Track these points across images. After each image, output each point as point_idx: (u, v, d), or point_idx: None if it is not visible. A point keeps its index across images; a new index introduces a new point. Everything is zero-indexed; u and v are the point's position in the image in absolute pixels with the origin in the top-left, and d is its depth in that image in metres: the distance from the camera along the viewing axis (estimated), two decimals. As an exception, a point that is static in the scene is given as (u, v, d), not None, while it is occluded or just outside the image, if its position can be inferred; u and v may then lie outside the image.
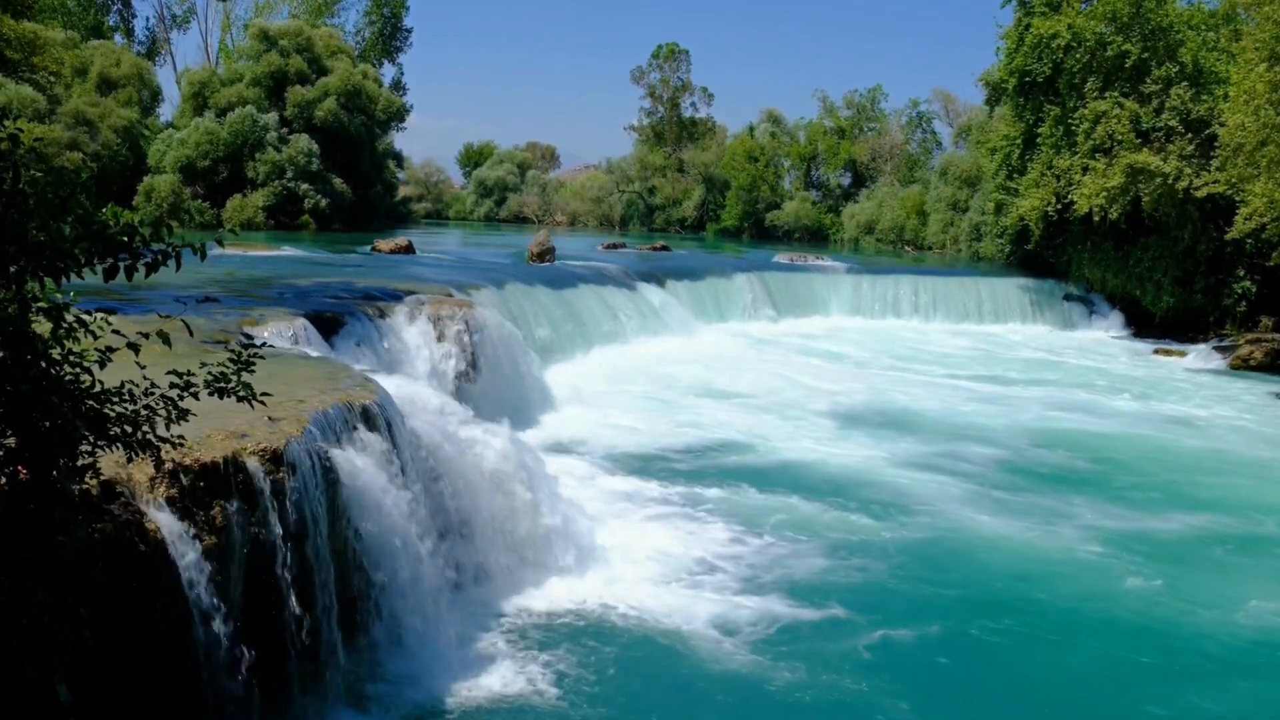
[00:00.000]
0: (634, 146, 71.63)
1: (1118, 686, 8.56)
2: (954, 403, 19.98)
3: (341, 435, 7.99)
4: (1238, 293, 30.14)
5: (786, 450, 15.56)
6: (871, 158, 60.68)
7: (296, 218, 43.81)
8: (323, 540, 7.29)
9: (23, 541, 4.23)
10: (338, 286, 17.62)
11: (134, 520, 5.84)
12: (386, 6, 62.19)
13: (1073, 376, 24.14)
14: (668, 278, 28.52)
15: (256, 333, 12.10)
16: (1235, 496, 14.23)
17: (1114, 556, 11.42)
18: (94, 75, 44.90)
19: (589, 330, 22.91)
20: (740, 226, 62.75)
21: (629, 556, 10.55)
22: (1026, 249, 35.83)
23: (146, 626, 5.85)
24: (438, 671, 7.90)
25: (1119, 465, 15.72)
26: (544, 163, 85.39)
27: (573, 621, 9.16)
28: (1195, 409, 20.68)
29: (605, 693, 7.96)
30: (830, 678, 8.31)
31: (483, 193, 76.78)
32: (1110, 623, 9.72)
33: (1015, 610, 9.96)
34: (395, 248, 29.12)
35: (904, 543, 11.61)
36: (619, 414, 17.22)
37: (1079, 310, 33.63)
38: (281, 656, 6.86)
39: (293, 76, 46.43)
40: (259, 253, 26.81)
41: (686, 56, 69.33)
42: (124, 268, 4.51)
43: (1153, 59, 30.22)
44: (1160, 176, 28.89)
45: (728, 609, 9.48)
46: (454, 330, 15.32)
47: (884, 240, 54.25)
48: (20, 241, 4.24)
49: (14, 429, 4.32)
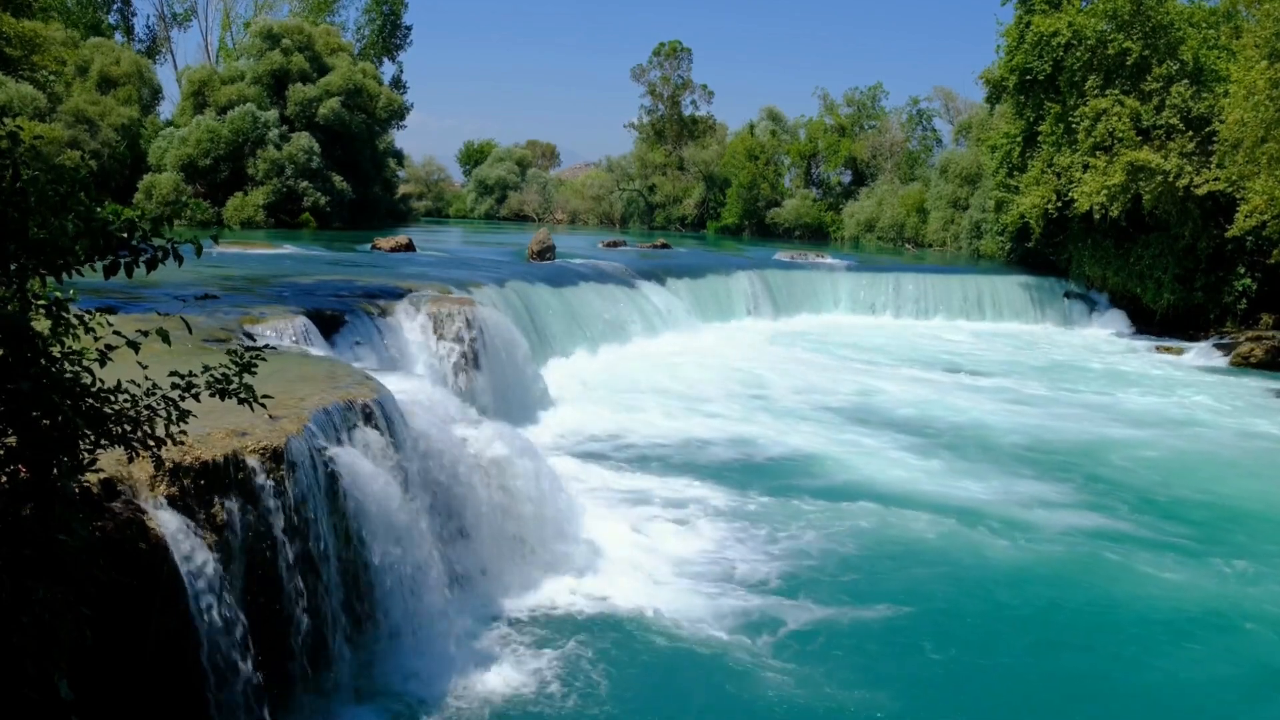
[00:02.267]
0: (634, 144, 71.59)
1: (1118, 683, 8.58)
2: (955, 401, 19.96)
3: (342, 433, 7.99)
4: (1238, 290, 30.12)
5: (787, 447, 15.56)
6: (872, 155, 60.61)
7: (297, 216, 43.79)
8: (324, 538, 7.30)
9: (23, 539, 4.23)
10: (338, 284, 17.62)
11: (135, 518, 5.84)
12: (386, 4, 62.07)
13: (1072, 374, 24.12)
14: (668, 276, 28.51)
15: (257, 331, 12.10)
16: (1235, 496, 14.23)
17: (1113, 556, 11.42)
18: (94, 73, 44.86)
19: (589, 328, 22.90)
20: (740, 224, 62.73)
21: (629, 554, 10.55)
22: (1027, 247, 35.82)
23: (147, 624, 5.85)
24: (440, 668, 7.91)
25: (1119, 464, 15.69)
26: (544, 161, 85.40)
27: (573, 619, 9.16)
28: (1196, 407, 20.66)
29: (606, 690, 7.96)
30: (832, 677, 8.31)
31: (483, 191, 76.77)
32: (1113, 624, 9.73)
33: (1018, 610, 9.97)
34: (395, 246, 29.11)
35: (899, 537, 11.62)
36: (619, 412, 17.22)
37: (1079, 308, 33.62)
38: (283, 654, 6.86)
39: (294, 74, 46.40)
40: (259, 251, 26.80)
41: (687, 54, 69.26)
42: (124, 265, 4.50)
43: (1153, 56, 30.19)
44: (1161, 174, 28.87)
45: (728, 607, 9.48)
46: (454, 328, 15.32)
47: (884, 238, 54.22)
48: (21, 239, 4.23)
49: (14, 427, 4.32)
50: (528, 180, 76.48)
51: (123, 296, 13.17)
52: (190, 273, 16.30)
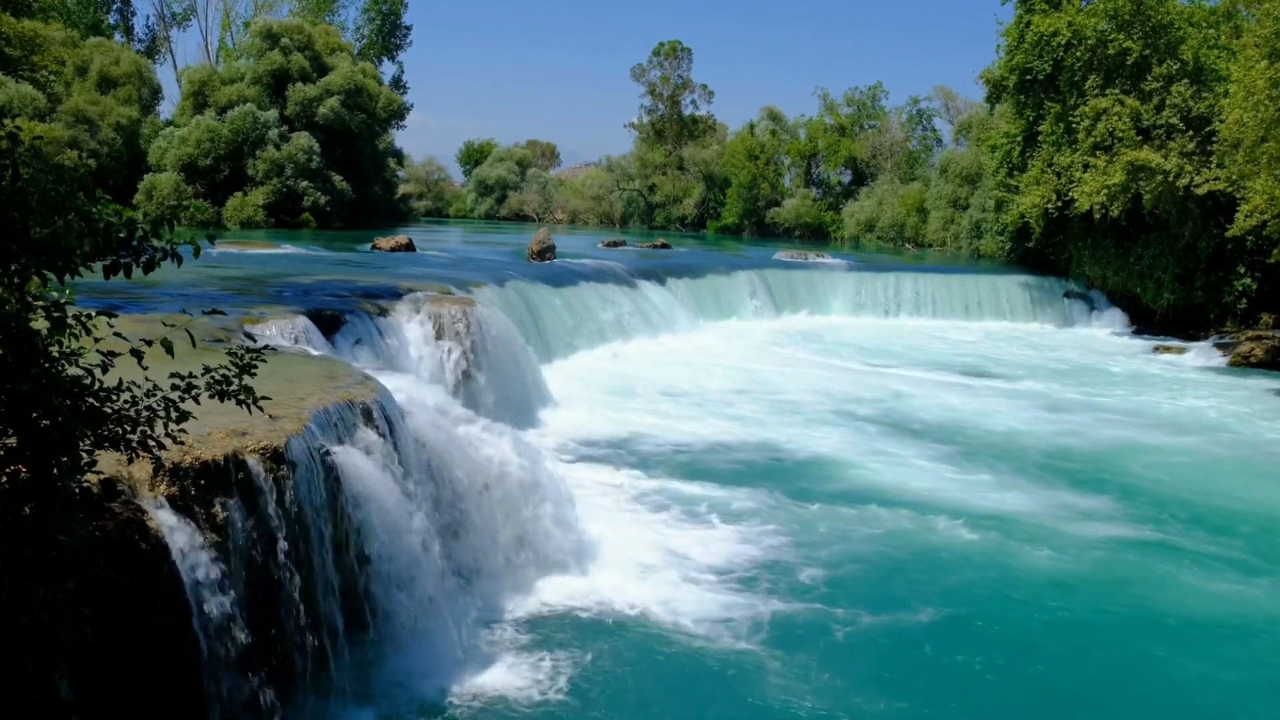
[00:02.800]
0: (634, 144, 71.63)
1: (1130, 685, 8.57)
2: (953, 399, 19.96)
3: (342, 433, 7.99)
4: (1238, 290, 30.12)
5: (787, 446, 15.55)
6: (872, 155, 60.60)
7: (297, 216, 43.79)
8: (324, 538, 7.30)
9: (23, 539, 4.23)
10: (338, 284, 17.62)
11: (135, 518, 5.84)
12: (385, 4, 62.07)
13: (1072, 373, 24.11)
14: (668, 275, 28.51)
15: (257, 331, 12.10)
16: (1236, 494, 14.22)
17: (1111, 554, 11.42)
18: (94, 73, 44.88)
19: (589, 328, 22.90)
20: (740, 224, 62.74)
21: (630, 553, 10.55)
22: (1027, 246, 35.82)
23: (147, 624, 5.85)
24: (440, 668, 7.91)
25: (1119, 463, 15.69)
26: (544, 160, 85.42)
27: (573, 618, 9.16)
28: (1197, 406, 20.65)
29: (607, 689, 7.96)
30: (833, 677, 8.31)
31: (483, 191, 76.80)
32: (1107, 624, 9.73)
33: (1022, 610, 9.97)
34: (396, 245, 29.10)
35: (892, 536, 11.61)
36: (619, 412, 17.22)
37: (1079, 307, 33.62)
38: (284, 654, 6.86)
39: (293, 74, 46.39)
40: (259, 251, 26.80)
41: (687, 54, 69.29)
42: (124, 265, 4.50)
43: (1153, 56, 30.20)
44: (1161, 174, 28.88)
45: (729, 606, 9.48)
46: (455, 328, 15.32)
47: (884, 238, 54.22)
48: (22, 239, 4.23)
49: (14, 427, 4.32)
50: (528, 180, 76.52)
51: (123, 296, 13.17)
52: (191, 272, 16.29)
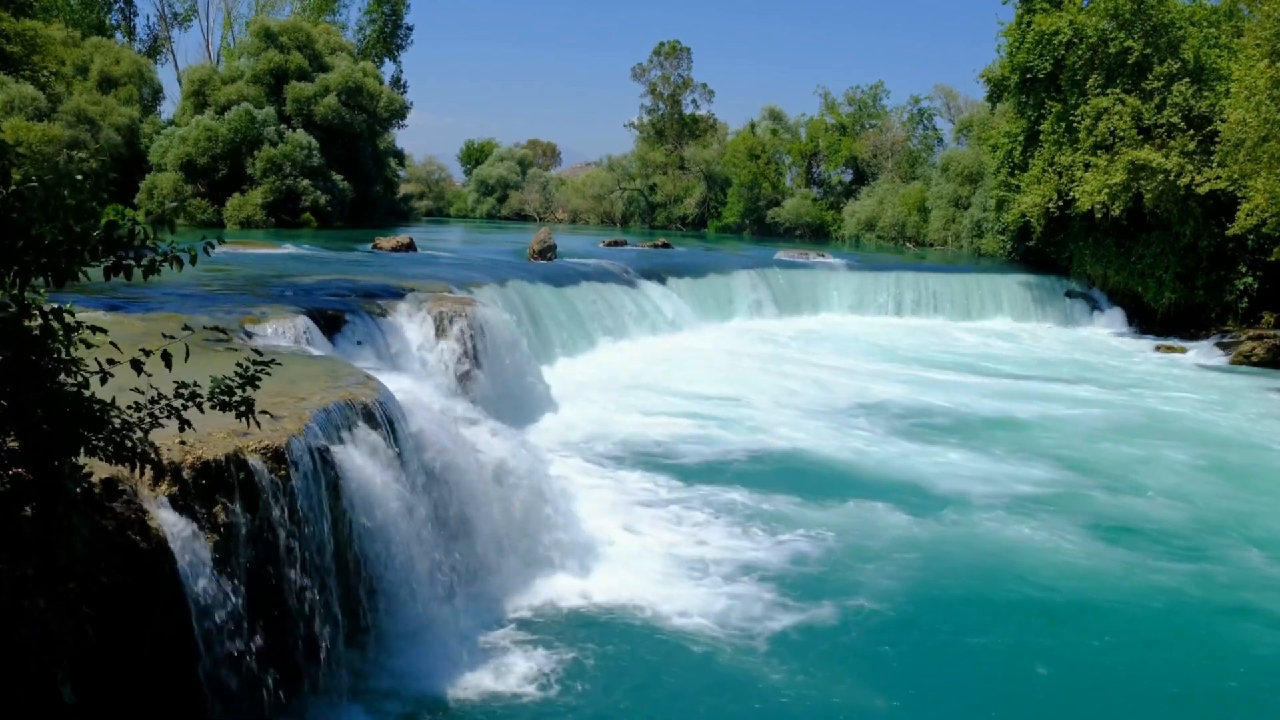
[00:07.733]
0: (635, 144, 71.70)
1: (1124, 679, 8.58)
2: (951, 398, 19.96)
3: (343, 433, 7.99)
4: (1239, 289, 30.12)
5: (788, 446, 15.54)
6: (873, 154, 60.61)
7: (297, 215, 43.76)
8: (325, 538, 7.30)
9: (24, 539, 4.23)
10: (339, 284, 17.61)
11: (136, 518, 5.85)
12: (387, 4, 62.09)
13: (1074, 373, 24.12)
14: (669, 275, 28.50)
15: (258, 330, 12.10)
16: (1236, 494, 14.22)
17: (1111, 554, 11.42)
18: (94, 73, 44.89)
19: (590, 327, 22.89)
20: (741, 223, 62.75)
21: (631, 553, 10.55)
22: (1028, 245, 35.82)
23: (149, 624, 5.85)
24: (441, 668, 7.91)
25: (1119, 463, 15.70)
26: (545, 160, 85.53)
27: (575, 618, 9.16)
28: (1198, 406, 20.65)
29: (608, 689, 7.96)
30: (834, 677, 8.31)
31: (484, 190, 76.84)
32: (1098, 617, 9.74)
33: (1023, 610, 9.97)
34: (396, 245, 29.11)
35: (898, 535, 11.62)
36: (620, 411, 17.21)
37: (1081, 306, 33.61)
38: (285, 654, 6.86)
39: (293, 73, 46.35)
40: (260, 250, 26.81)
41: (687, 54, 69.35)
42: (125, 266, 4.50)
43: (1155, 55, 30.19)
44: (1162, 173, 28.87)
45: (730, 606, 9.47)
46: (455, 328, 15.32)
47: (885, 237, 54.22)
48: (23, 239, 4.23)
49: (15, 429, 4.32)
50: (528, 180, 76.56)
51: (124, 296, 13.19)
52: (191, 272, 16.25)
